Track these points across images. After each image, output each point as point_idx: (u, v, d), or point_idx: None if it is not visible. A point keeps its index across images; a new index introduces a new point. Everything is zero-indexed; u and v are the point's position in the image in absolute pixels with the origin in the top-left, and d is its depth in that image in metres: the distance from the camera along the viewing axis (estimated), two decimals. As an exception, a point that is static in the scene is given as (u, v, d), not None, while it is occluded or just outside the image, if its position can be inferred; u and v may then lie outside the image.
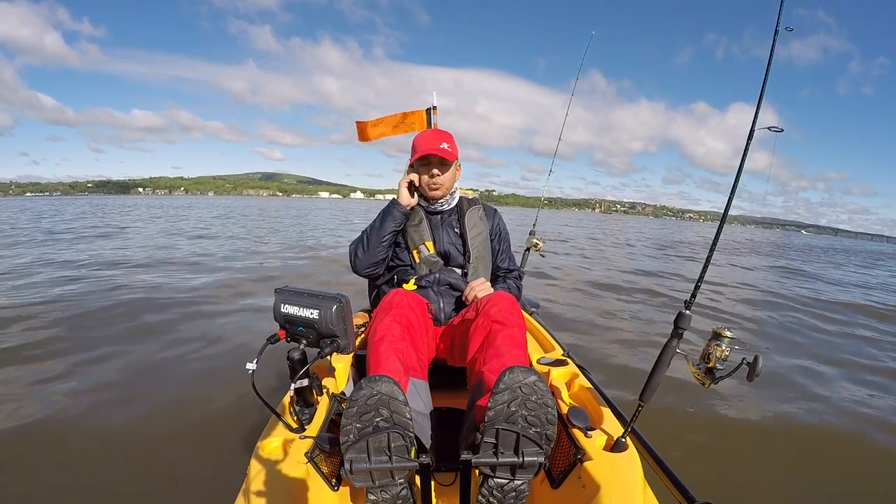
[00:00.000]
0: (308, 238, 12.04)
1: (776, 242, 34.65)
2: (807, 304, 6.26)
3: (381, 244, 1.47)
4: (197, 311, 4.13)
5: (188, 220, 19.16)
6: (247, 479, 1.00)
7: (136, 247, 8.99)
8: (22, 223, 13.09)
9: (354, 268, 1.52)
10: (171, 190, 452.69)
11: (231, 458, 1.83)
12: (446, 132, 1.54)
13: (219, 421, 2.22)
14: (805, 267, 12.67)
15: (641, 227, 35.21)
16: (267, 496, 0.94)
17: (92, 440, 2.05)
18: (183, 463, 1.89)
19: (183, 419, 2.25)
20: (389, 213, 1.48)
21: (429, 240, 1.51)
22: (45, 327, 3.55)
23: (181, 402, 2.42)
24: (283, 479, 0.97)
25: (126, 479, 1.80)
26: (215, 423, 2.20)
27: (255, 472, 0.99)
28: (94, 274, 5.77)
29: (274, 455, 1.05)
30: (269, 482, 0.96)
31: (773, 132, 1.03)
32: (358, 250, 1.50)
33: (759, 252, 18.55)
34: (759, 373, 0.91)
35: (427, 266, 1.49)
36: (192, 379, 2.73)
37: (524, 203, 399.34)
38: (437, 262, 1.50)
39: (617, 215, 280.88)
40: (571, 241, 8.49)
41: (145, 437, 2.09)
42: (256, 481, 0.97)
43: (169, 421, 2.24)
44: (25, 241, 9.61)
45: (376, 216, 1.51)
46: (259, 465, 1.01)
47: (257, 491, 0.95)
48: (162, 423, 2.22)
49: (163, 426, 2.19)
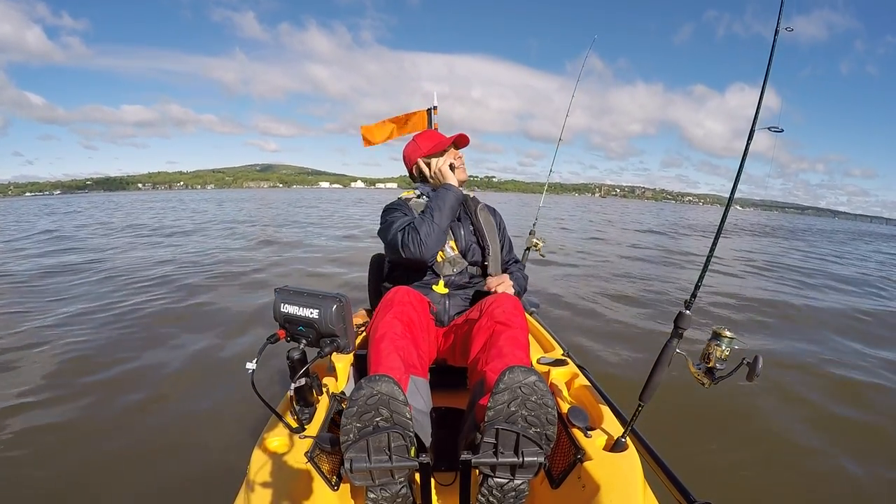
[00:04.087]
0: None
1: (797, 227, 33.74)
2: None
3: (447, 228, 1.40)
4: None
5: (240, 211, 20.01)
6: (247, 478, 0.99)
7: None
8: (92, 229, 11.98)
9: (425, 255, 1.32)
10: (171, 185, 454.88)
11: (231, 458, 1.83)
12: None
13: (219, 421, 2.22)
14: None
15: (649, 214, 34.09)
16: (267, 496, 0.94)
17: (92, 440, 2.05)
18: (183, 463, 1.89)
19: (183, 419, 2.26)
20: (453, 195, 1.41)
21: (451, 238, 1.48)
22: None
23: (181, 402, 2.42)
24: (283, 478, 0.97)
25: (126, 479, 1.80)
26: (215, 423, 2.20)
27: (255, 472, 0.99)
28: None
29: (274, 455, 1.05)
30: (269, 482, 0.97)
31: (774, 132, 1.02)
32: (427, 238, 1.31)
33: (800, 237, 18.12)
34: (759, 373, 0.91)
35: (452, 265, 1.45)
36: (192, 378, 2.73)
37: (524, 189, 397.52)
38: (460, 261, 1.47)
39: (617, 199, 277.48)
40: (575, 252, 8.16)
41: (145, 437, 2.09)
42: (256, 481, 0.97)
43: (169, 421, 2.24)
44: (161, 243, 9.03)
45: (429, 203, 1.41)
46: (259, 464, 1.01)
47: (257, 491, 0.95)
48: (162, 422, 2.22)
49: (162, 426, 2.20)
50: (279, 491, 0.95)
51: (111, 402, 2.40)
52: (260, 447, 1.07)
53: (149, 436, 2.10)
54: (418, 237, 1.30)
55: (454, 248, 1.48)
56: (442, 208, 1.37)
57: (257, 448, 1.07)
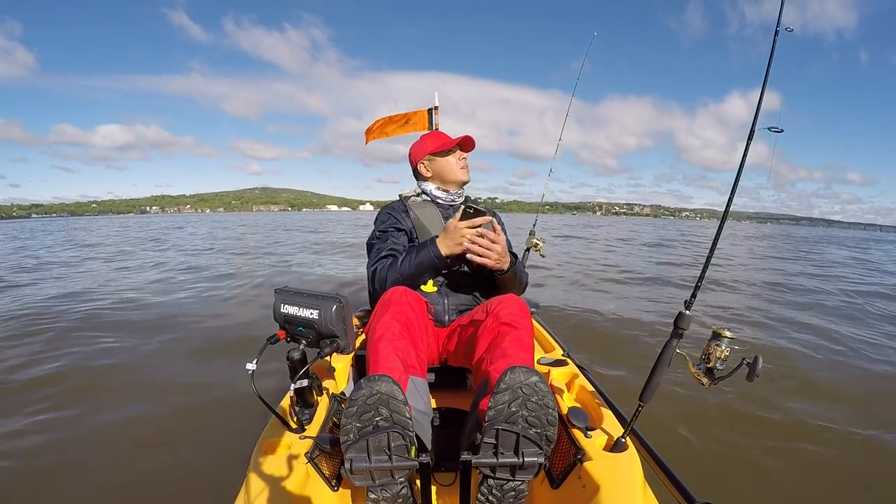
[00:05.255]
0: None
1: (805, 237, 33.14)
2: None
3: (416, 277, 1.37)
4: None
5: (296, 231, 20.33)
6: (247, 479, 0.99)
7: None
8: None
9: (383, 288, 1.33)
10: (179, 208, 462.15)
11: (231, 459, 1.82)
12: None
13: (219, 421, 2.22)
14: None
15: (670, 230, 31.92)
16: (267, 497, 0.94)
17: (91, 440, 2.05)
18: (183, 463, 1.89)
19: (183, 419, 2.25)
20: (432, 259, 1.33)
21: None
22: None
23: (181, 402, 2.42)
24: (283, 479, 0.97)
25: (126, 479, 1.79)
26: (215, 424, 2.20)
27: (255, 473, 0.99)
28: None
29: (274, 455, 1.05)
30: (269, 483, 0.96)
31: (774, 132, 1.02)
32: (393, 285, 1.30)
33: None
34: (759, 373, 0.91)
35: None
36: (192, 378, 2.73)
37: (527, 209, 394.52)
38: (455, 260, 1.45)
39: (618, 217, 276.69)
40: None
41: (145, 437, 2.09)
42: (256, 482, 0.97)
43: (169, 420, 2.24)
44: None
45: (413, 246, 1.41)
46: (259, 465, 1.01)
47: (257, 491, 0.95)
48: (162, 422, 2.22)
49: (162, 426, 2.19)
50: (279, 492, 0.95)
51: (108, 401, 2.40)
52: (260, 448, 1.07)
53: (148, 437, 2.10)
54: (384, 282, 1.35)
55: None
56: (416, 262, 1.34)
57: (257, 449, 1.07)
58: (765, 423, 2.29)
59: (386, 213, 1.55)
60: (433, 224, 1.51)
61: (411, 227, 1.52)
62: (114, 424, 2.18)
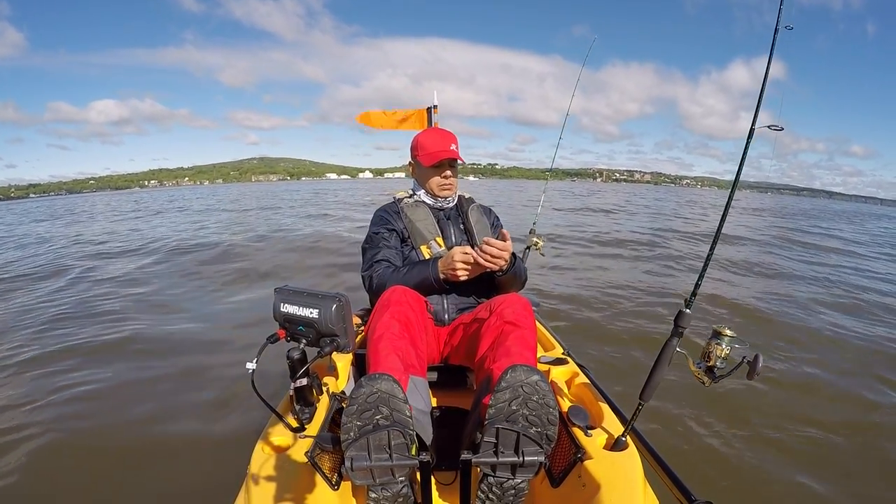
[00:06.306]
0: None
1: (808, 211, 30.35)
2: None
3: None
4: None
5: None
6: (247, 478, 0.99)
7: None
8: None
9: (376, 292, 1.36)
10: (178, 181, 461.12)
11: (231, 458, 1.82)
12: (451, 133, 1.55)
13: (219, 421, 2.22)
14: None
15: (675, 200, 29.42)
16: (267, 496, 0.93)
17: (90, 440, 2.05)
18: (183, 463, 1.89)
19: (183, 419, 2.25)
20: (428, 279, 1.35)
21: (438, 235, 1.50)
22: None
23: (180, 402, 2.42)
24: (283, 478, 0.97)
25: (126, 479, 1.79)
26: (215, 424, 2.20)
27: (256, 472, 0.99)
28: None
29: (274, 455, 1.05)
30: (269, 482, 0.96)
31: (774, 131, 1.02)
32: (386, 283, 1.33)
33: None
34: (760, 371, 0.91)
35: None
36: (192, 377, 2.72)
37: (527, 175, 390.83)
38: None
39: (619, 184, 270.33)
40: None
41: (145, 437, 2.09)
42: (257, 481, 0.97)
43: (169, 421, 2.24)
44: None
45: (411, 262, 1.44)
46: (259, 464, 1.01)
47: (258, 491, 0.95)
48: (162, 422, 2.22)
49: (162, 426, 2.19)
50: (280, 491, 0.94)
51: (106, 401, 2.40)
52: (260, 447, 1.07)
53: (148, 437, 2.10)
54: (384, 288, 1.32)
55: (440, 244, 1.49)
56: (412, 276, 1.37)
57: (258, 448, 1.07)
58: (765, 422, 2.29)
59: (379, 216, 1.57)
60: (425, 225, 1.51)
61: (403, 228, 1.52)
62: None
